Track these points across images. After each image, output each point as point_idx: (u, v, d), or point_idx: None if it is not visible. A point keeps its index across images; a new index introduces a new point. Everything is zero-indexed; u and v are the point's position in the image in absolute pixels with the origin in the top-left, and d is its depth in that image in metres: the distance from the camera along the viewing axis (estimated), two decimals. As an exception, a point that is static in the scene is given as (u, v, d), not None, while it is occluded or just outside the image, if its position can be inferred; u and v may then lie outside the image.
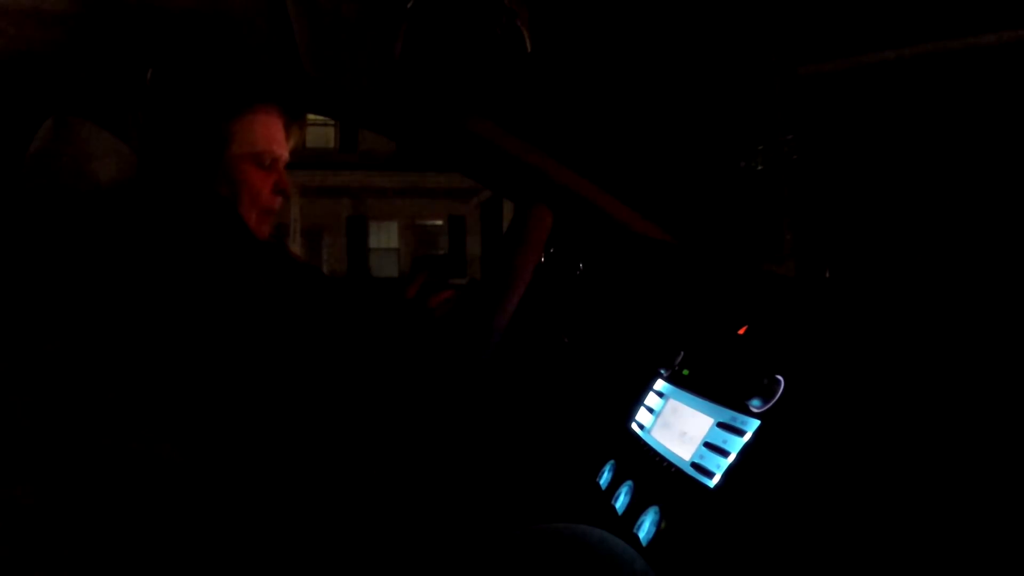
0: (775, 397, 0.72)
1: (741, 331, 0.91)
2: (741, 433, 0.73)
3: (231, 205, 0.84)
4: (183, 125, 0.83)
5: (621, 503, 0.88)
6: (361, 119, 1.20)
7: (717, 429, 0.78)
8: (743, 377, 0.77)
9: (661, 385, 1.01)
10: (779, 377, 0.73)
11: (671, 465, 0.83)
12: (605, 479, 0.98)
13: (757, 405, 0.73)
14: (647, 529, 0.78)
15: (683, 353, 0.99)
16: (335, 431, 0.78)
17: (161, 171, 0.83)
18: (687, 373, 0.96)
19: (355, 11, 0.77)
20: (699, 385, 0.91)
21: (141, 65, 0.83)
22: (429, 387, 0.80)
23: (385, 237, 12.83)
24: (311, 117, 1.15)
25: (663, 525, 0.77)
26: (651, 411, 0.99)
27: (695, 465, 0.78)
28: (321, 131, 11.48)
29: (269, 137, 0.88)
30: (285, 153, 0.91)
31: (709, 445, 0.77)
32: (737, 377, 0.79)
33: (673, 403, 0.94)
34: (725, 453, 0.73)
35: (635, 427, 1.01)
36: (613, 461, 0.99)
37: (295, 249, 9.52)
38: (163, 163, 0.83)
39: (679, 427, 0.87)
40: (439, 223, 12.98)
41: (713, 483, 0.73)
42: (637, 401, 1.04)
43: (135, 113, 0.84)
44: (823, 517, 0.60)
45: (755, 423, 0.72)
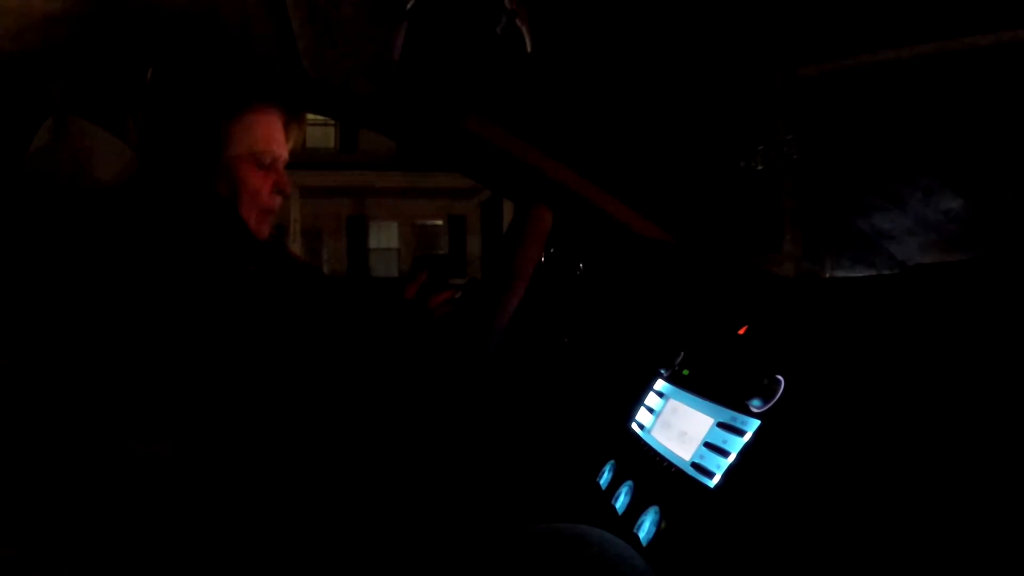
0: (775, 397, 0.72)
1: (741, 331, 0.91)
2: (741, 433, 0.73)
3: (231, 205, 0.84)
4: (183, 125, 0.83)
5: (621, 503, 0.88)
6: (361, 119, 1.20)
7: (717, 429, 0.78)
8: (743, 377, 0.77)
9: (661, 385, 1.01)
10: (779, 377, 0.73)
11: (671, 465, 0.83)
12: (605, 479, 0.98)
13: (757, 405, 0.73)
14: (647, 529, 0.78)
15: (683, 353, 0.99)
16: (334, 431, 0.78)
17: (161, 171, 0.83)
18: (687, 373, 0.96)
19: (355, 11, 0.77)
20: (699, 385, 0.91)
21: (141, 65, 0.83)
22: (429, 387, 0.80)
23: (385, 237, 12.84)
24: (311, 117, 1.15)
25: (663, 525, 0.77)
26: (651, 411, 0.99)
27: (695, 465, 0.78)
28: (321, 131, 11.48)
29: (268, 137, 0.88)
30: (285, 153, 0.91)
31: (709, 445, 0.77)
32: (737, 377, 0.79)
33: (673, 403, 0.94)
34: (725, 453, 0.73)
35: (635, 427, 1.01)
36: (613, 461, 0.99)
37: (295, 249, 9.52)
38: (163, 163, 0.83)
39: (679, 427, 0.87)
40: (439, 223, 12.98)
41: (713, 483, 0.73)
42: (637, 401, 1.04)
43: (135, 113, 0.84)
44: (823, 517, 0.60)
45: (755, 423, 0.72)
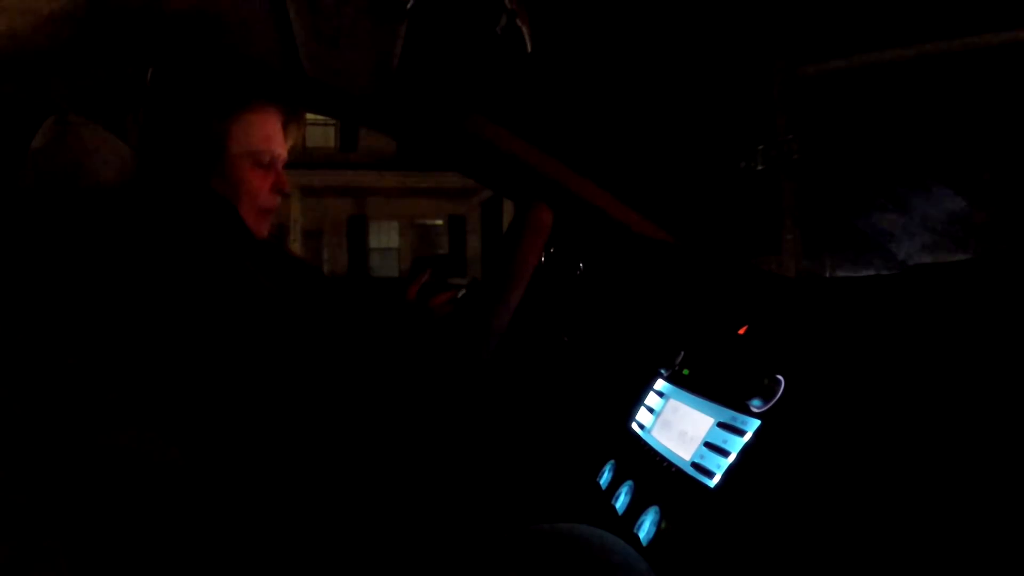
0: (775, 397, 0.72)
1: (741, 331, 0.91)
2: (741, 433, 0.73)
3: (230, 204, 0.84)
4: (182, 124, 0.83)
5: (621, 503, 0.88)
6: (361, 119, 1.20)
7: (717, 429, 0.78)
8: (743, 377, 0.77)
9: (661, 385, 1.01)
10: (779, 377, 0.73)
11: (671, 465, 0.83)
12: (605, 479, 0.98)
13: (757, 405, 0.73)
14: (647, 529, 0.78)
15: (683, 353, 0.99)
16: (335, 431, 0.78)
17: (160, 170, 0.83)
18: (687, 373, 0.96)
19: (355, 11, 0.77)
20: (699, 385, 0.91)
21: (141, 65, 0.83)
22: (429, 387, 0.80)
23: (385, 237, 12.83)
24: (311, 117, 1.15)
25: (663, 525, 0.77)
26: (651, 411, 0.99)
27: (695, 465, 0.77)
28: (321, 131, 11.48)
29: (267, 136, 0.87)
30: (283, 152, 0.91)
31: (709, 445, 0.77)
32: (737, 377, 0.79)
33: (673, 403, 0.93)
34: (725, 453, 0.73)
35: (635, 427, 1.01)
36: (613, 461, 0.99)
37: (295, 249, 9.52)
38: (162, 162, 0.83)
39: (679, 427, 0.87)
40: (439, 223, 12.98)
41: (713, 483, 0.73)
42: (637, 401, 1.04)
43: (135, 113, 0.84)
44: (823, 517, 0.60)
45: (755, 423, 0.72)
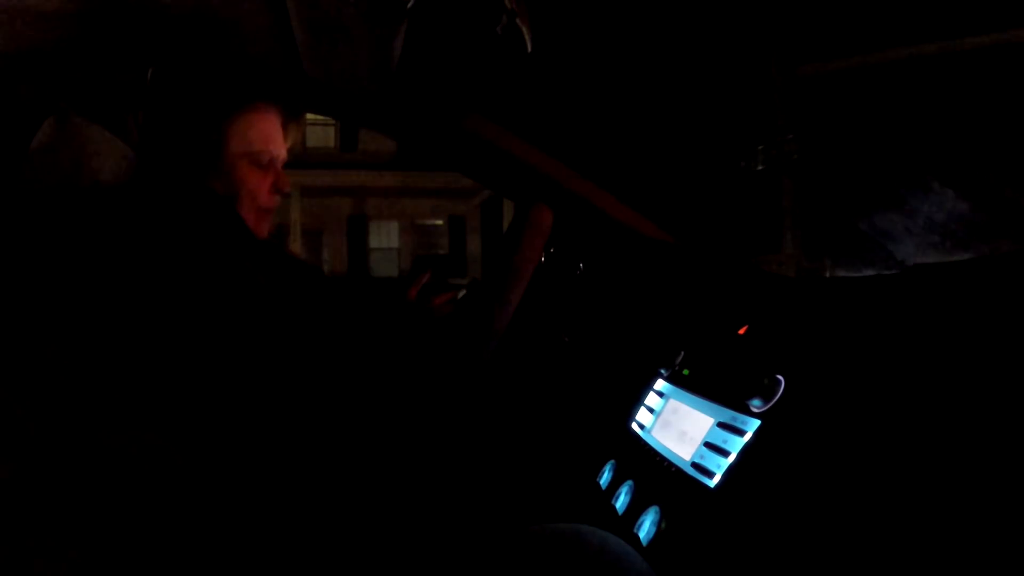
0: (775, 397, 0.72)
1: (741, 331, 0.91)
2: (741, 433, 0.73)
3: (229, 204, 0.84)
4: (182, 124, 0.83)
5: (621, 503, 0.88)
6: (361, 119, 1.20)
7: (717, 429, 0.78)
8: (743, 377, 0.77)
9: (661, 385, 1.01)
10: (779, 377, 0.73)
11: (671, 465, 0.83)
12: (605, 479, 0.98)
13: (757, 405, 0.73)
14: (647, 529, 0.78)
15: (683, 353, 0.99)
16: (334, 431, 0.78)
17: (160, 170, 0.83)
18: (687, 373, 0.96)
19: (355, 11, 0.77)
20: (699, 385, 0.91)
21: (141, 65, 0.83)
22: (429, 387, 0.80)
23: (385, 237, 12.83)
24: (311, 117, 1.15)
25: (663, 525, 0.77)
26: (651, 411, 0.99)
27: (695, 465, 0.77)
28: (321, 131, 11.48)
29: (267, 136, 0.87)
30: (283, 152, 0.91)
31: (709, 445, 0.77)
32: (737, 377, 0.79)
33: (673, 403, 0.93)
34: (725, 453, 0.73)
35: (635, 427, 1.01)
36: (613, 461, 0.99)
37: (295, 249, 9.52)
38: (162, 162, 0.83)
39: (679, 427, 0.87)
40: (439, 223, 12.98)
41: (713, 483, 0.73)
42: (637, 401, 1.04)
43: (135, 113, 0.84)
44: (823, 517, 0.60)
45: (755, 423, 0.72)
